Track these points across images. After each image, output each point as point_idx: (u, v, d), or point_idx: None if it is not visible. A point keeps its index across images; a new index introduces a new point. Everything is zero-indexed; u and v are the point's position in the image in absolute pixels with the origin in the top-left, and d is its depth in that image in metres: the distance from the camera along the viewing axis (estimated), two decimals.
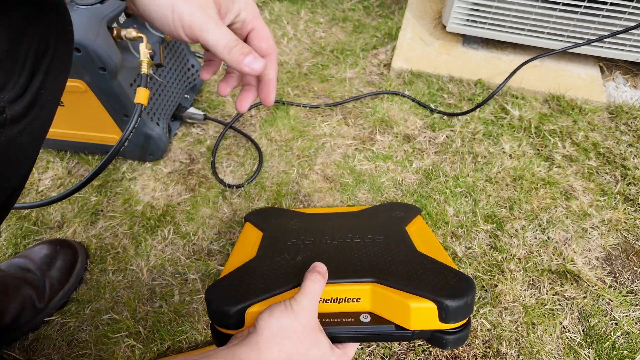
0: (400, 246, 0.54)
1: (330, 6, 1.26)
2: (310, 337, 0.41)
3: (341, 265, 0.50)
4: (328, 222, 0.65)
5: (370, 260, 0.51)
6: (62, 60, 0.42)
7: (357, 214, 0.70)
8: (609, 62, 1.05)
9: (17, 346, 0.65)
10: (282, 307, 0.41)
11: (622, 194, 0.79)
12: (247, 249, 0.59)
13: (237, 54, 0.34)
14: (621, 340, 0.62)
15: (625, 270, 0.70)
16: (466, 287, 0.45)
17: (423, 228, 0.64)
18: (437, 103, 0.96)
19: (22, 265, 0.67)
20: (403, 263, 0.50)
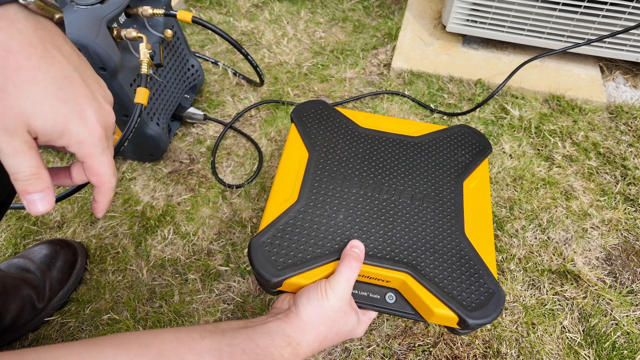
0: (447, 224, 0.54)
1: (330, 6, 1.26)
2: (342, 318, 0.47)
3: (379, 245, 0.52)
4: (381, 154, 0.61)
5: (410, 245, 0.52)
6: None
7: (417, 143, 0.63)
8: (609, 62, 1.05)
9: (17, 346, 0.64)
10: (318, 295, 0.46)
11: (622, 194, 0.79)
12: (291, 178, 0.58)
13: (20, 187, 0.30)
14: (621, 340, 0.62)
15: (626, 270, 0.70)
16: (494, 308, 0.47)
17: (482, 185, 0.59)
18: (437, 103, 0.96)
19: (22, 265, 0.67)
20: (442, 256, 0.51)
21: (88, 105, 0.32)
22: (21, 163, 0.30)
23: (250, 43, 1.14)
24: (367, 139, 0.63)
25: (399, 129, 0.65)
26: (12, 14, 0.28)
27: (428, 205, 0.56)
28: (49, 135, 0.30)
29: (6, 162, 0.29)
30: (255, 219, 0.78)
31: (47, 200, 0.31)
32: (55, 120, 0.30)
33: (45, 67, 0.29)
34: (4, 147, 0.29)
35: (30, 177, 0.30)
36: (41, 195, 0.31)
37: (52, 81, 0.29)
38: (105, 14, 0.64)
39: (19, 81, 0.28)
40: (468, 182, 0.59)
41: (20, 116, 0.28)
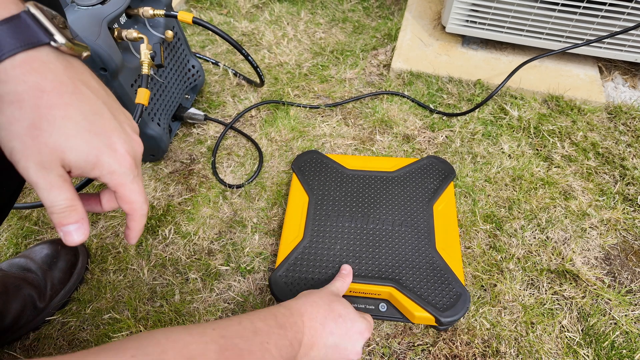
0: (421, 243, 0.67)
1: (330, 7, 1.26)
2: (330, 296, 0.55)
3: (369, 267, 0.65)
4: (366, 191, 0.74)
5: (393, 264, 0.65)
6: None
7: (394, 177, 0.76)
8: (608, 62, 1.05)
9: (18, 346, 0.65)
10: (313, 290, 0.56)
11: (620, 193, 0.79)
12: (296, 220, 0.72)
13: (56, 220, 0.32)
14: (620, 340, 0.62)
15: (624, 270, 0.71)
16: (461, 307, 0.60)
17: (449, 206, 0.72)
18: (436, 103, 0.96)
19: (23, 265, 0.67)
20: (419, 269, 0.64)
21: (117, 137, 0.33)
22: (56, 197, 0.31)
23: (251, 44, 1.15)
24: (353, 179, 0.76)
25: (379, 166, 0.78)
26: (44, 55, 0.30)
27: (406, 229, 0.69)
28: (82, 168, 0.31)
29: (42, 196, 0.31)
30: (255, 219, 0.78)
31: (82, 230, 0.32)
32: (87, 153, 0.31)
33: (76, 103, 0.30)
34: (40, 182, 0.30)
35: (65, 209, 0.31)
36: (76, 226, 0.32)
37: (83, 116, 0.31)
38: (106, 15, 0.64)
39: (53, 118, 0.29)
40: (437, 205, 0.72)
41: (55, 151, 0.30)
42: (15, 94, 0.28)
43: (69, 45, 0.31)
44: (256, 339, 0.42)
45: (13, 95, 0.28)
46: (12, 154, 0.29)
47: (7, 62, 0.28)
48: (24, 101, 0.29)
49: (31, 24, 0.29)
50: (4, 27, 0.28)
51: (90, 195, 0.38)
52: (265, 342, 0.42)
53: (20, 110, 0.29)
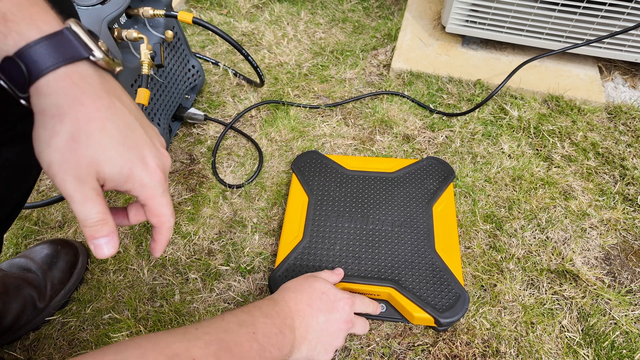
0: (421, 244, 0.67)
1: (330, 7, 1.26)
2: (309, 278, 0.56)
3: (369, 267, 0.65)
4: (365, 191, 0.74)
5: (392, 265, 0.65)
6: None
7: (393, 177, 0.76)
8: (608, 62, 1.05)
9: (18, 346, 0.65)
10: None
11: (620, 193, 0.79)
12: (296, 220, 0.72)
13: (88, 233, 0.32)
14: (620, 340, 0.62)
15: (624, 270, 0.71)
16: (460, 308, 0.60)
17: (448, 207, 0.72)
18: (436, 103, 0.96)
19: (23, 265, 0.67)
20: (418, 270, 0.64)
21: (148, 151, 0.34)
22: (90, 210, 0.31)
23: (251, 44, 1.15)
24: (353, 179, 0.76)
25: (378, 167, 0.78)
26: (83, 69, 0.31)
27: (405, 229, 0.69)
28: (115, 181, 0.32)
29: (76, 209, 0.31)
30: (255, 219, 0.78)
31: (112, 243, 0.33)
32: (122, 166, 0.32)
33: (111, 117, 0.31)
34: (75, 195, 0.31)
35: (97, 223, 0.32)
36: (107, 239, 0.33)
37: (117, 130, 0.32)
38: (106, 15, 0.65)
39: (91, 131, 0.30)
40: (437, 206, 0.72)
41: (92, 164, 0.30)
42: (57, 107, 0.29)
43: (106, 59, 0.32)
44: (241, 330, 0.42)
45: (55, 108, 0.29)
46: (50, 167, 0.30)
47: (50, 76, 0.29)
48: (64, 114, 0.29)
49: (72, 39, 0.30)
50: (47, 42, 0.29)
51: (118, 209, 0.38)
52: (252, 332, 0.42)
53: (61, 124, 0.29)
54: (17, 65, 0.28)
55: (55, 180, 0.30)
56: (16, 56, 0.28)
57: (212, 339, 0.39)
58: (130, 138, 0.33)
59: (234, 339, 0.41)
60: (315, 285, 0.55)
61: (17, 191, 0.43)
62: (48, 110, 0.29)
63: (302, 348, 0.50)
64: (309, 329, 0.50)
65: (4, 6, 0.28)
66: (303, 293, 0.53)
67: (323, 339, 0.52)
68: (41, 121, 0.30)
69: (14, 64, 0.29)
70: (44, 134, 0.30)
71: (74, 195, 0.31)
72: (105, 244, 0.33)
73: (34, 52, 0.29)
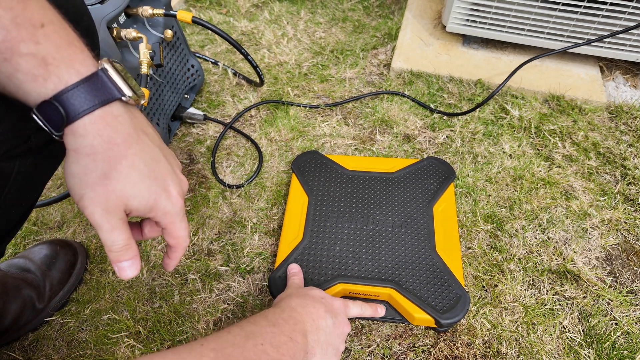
0: (421, 244, 0.67)
1: (330, 6, 1.26)
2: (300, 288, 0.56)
3: (369, 268, 0.64)
4: (365, 192, 0.74)
5: (393, 265, 0.65)
6: None
7: (394, 178, 0.75)
8: (609, 62, 1.05)
9: (17, 346, 0.65)
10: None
11: (622, 193, 0.79)
12: (296, 220, 0.71)
13: (114, 257, 0.35)
14: (621, 340, 0.62)
15: (625, 270, 0.70)
16: (461, 309, 0.60)
17: (449, 207, 0.72)
18: (437, 103, 0.96)
19: (22, 265, 0.67)
20: (419, 271, 0.64)
21: (171, 180, 0.37)
22: (117, 237, 0.34)
23: (250, 43, 1.14)
24: (353, 180, 0.76)
25: (378, 167, 0.77)
26: (116, 109, 0.32)
27: (406, 230, 0.68)
28: (141, 211, 0.35)
29: (104, 237, 0.34)
30: (255, 219, 0.78)
31: (135, 266, 0.36)
32: (148, 199, 0.35)
33: (140, 153, 0.34)
34: (104, 225, 0.33)
35: (122, 248, 0.34)
36: (130, 262, 0.35)
37: (144, 164, 0.34)
38: (105, 14, 0.64)
39: (121, 168, 0.32)
40: (437, 206, 0.72)
41: (121, 198, 0.33)
42: (91, 147, 0.31)
43: (134, 97, 0.34)
44: (249, 343, 0.41)
45: (89, 148, 0.31)
46: (81, 200, 0.32)
47: (86, 119, 0.31)
48: (98, 154, 0.31)
49: (107, 81, 0.32)
50: (84, 85, 0.30)
51: (133, 224, 0.40)
52: (260, 344, 0.42)
53: (95, 162, 0.32)
54: (56, 108, 0.30)
55: (86, 212, 0.33)
56: (55, 100, 0.30)
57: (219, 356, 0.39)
58: (156, 170, 0.35)
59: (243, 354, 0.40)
60: (312, 292, 0.55)
61: (24, 203, 0.44)
62: (82, 150, 0.31)
63: (316, 352, 0.49)
64: (319, 332, 0.49)
65: (44, 49, 0.29)
66: (306, 298, 0.53)
67: (332, 341, 0.51)
68: (74, 158, 0.32)
69: (52, 107, 0.30)
70: (77, 170, 0.32)
71: (103, 225, 0.33)
72: (129, 267, 0.35)
73: (72, 96, 0.30)
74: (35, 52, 0.29)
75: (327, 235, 0.69)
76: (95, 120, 0.31)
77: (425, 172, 0.76)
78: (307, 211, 0.72)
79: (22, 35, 0.28)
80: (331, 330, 0.51)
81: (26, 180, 0.41)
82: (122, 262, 0.35)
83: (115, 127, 0.32)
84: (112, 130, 0.32)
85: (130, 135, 0.33)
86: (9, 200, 0.40)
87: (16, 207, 0.43)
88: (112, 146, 0.32)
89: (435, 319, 0.59)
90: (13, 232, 0.47)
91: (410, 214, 0.70)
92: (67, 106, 0.30)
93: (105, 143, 0.32)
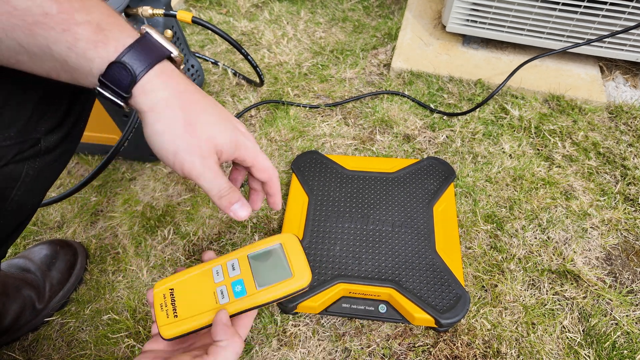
0: (421, 244, 0.67)
1: (330, 6, 1.26)
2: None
3: (369, 268, 0.64)
4: (365, 192, 0.74)
5: (393, 265, 0.64)
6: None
7: (394, 178, 0.76)
8: (609, 62, 1.05)
9: (17, 346, 0.64)
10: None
11: (622, 193, 0.79)
12: (296, 220, 0.71)
13: (226, 202, 0.36)
14: (621, 340, 0.62)
15: (626, 270, 0.70)
16: (461, 308, 0.60)
17: (449, 207, 0.72)
18: (437, 103, 0.96)
19: (22, 265, 0.67)
20: (419, 271, 0.64)
21: (235, 120, 0.38)
22: (220, 182, 0.35)
23: (250, 43, 1.14)
24: (353, 180, 0.76)
25: (378, 167, 0.77)
26: (168, 65, 0.34)
27: (406, 230, 0.68)
28: (228, 151, 0.36)
29: (209, 186, 0.35)
30: (254, 219, 0.78)
31: (246, 205, 0.37)
32: (230, 136, 0.36)
33: (203, 99, 0.35)
34: (206, 173, 0.34)
35: (229, 191, 0.36)
36: (240, 203, 0.37)
37: (212, 108, 0.35)
38: None
39: (197, 113, 0.34)
40: (437, 206, 0.72)
41: (210, 139, 0.34)
42: (165, 100, 0.33)
43: (180, 55, 0.35)
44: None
45: (163, 101, 0.32)
46: (176, 155, 0.33)
47: (151, 73, 0.32)
48: (173, 104, 0.33)
49: (155, 42, 0.33)
50: (139, 45, 0.32)
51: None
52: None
53: (174, 112, 0.33)
54: (124, 67, 0.31)
55: (185, 167, 0.34)
56: (121, 60, 0.31)
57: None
58: (222, 113, 0.36)
59: None
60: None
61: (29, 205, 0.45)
62: (158, 105, 0.32)
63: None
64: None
65: (96, 17, 0.30)
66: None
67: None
68: (154, 116, 0.33)
69: (120, 67, 0.31)
70: (161, 126, 0.33)
71: (205, 173, 0.34)
72: (240, 208, 0.37)
73: (133, 54, 0.31)
74: (90, 20, 0.30)
75: (327, 235, 0.68)
76: (158, 74, 0.32)
77: (425, 172, 0.76)
78: (307, 211, 0.72)
79: (74, 5, 0.29)
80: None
81: (34, 183, 0.41)
82: (234, 204, 0.36)
83: (176, 79, 0.33)
84: (174, 81, 0.33)
85: (188, 85, 0.34)
86: (16, 202, 0.41)
87: (22, 209, 0.43)
88: (181, 94, 0.33)
89: (436, 319, 0.60)
90: (16, 234, 0.47)
91: (411, 214, 0.70)
92: (132, 64, 0.31)
93: (175, 93, 0.33)
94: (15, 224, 0.45)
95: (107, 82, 0.31)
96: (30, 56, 0.30)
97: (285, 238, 0.44)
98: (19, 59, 0.31)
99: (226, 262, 0.43)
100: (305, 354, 0.62)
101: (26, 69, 0.32)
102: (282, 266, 0.42)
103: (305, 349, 0.63)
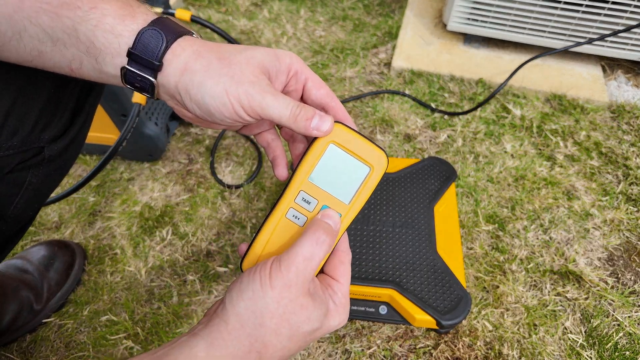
0: (422, 245, 0.66)
1: (330, 5, 1.25)
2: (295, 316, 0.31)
3: (370, 269, 0.64)
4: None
5: (394, 266, 0.64)
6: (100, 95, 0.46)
7: (395, 178, 0.75)
8: (611, 61, 1.04)
9: (15, 348, 0.64)
10: (257, 285, 0.31)
11: (624, 193, 0.78)
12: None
13: (303, 121, 0.32)
14: (623, 341, 0.62)
15: (628, 271, 0.70)
16: (462, 310, 0.60)
17: (450, 207, 0.72)
18: (438, 102, 0.95)
19: (20, 266, 0.66)
20: (420, 271, 0.63)
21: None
22: (287, 100, 0.32)
23: (250, 42, 1.14)
24: None
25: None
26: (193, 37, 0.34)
27: (407, 230, 0.68)
28: (275, 67, 0.33)
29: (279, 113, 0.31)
30: (254, 220, 0.77)
31: (324, 117, 0.33)
32: (268, 52, 0.33)
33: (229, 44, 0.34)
34: (267, 97, 0.31)
35: (299, 106, 0.32)
36: (318, 116, 0.33)
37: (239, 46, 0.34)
38: None
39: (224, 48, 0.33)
40: (438, 206, 0.71)
41: (250, 60, 0.32)
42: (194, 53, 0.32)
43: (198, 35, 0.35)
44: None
45: (193, 54, 0.31)
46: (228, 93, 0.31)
47: (179, 40, 0.32)
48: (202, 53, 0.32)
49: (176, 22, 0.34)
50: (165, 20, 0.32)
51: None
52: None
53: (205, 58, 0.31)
54: (158, 32, 0.31)
55: (242, 100, 0.31)
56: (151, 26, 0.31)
57: None
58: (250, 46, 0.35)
59: None
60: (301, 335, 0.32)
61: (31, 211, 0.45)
62: (189, 61, 0.31)
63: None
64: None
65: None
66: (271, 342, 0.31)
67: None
68: (189, 76, 0.31)
69: (151, 32, 0.30)
70: (200, 77, 0.31)
71: (266, 97, 0.31)
72: (321, 121, 0.33)
73: (162, 26, 0.31)
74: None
75: None
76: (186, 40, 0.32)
77: (426, 172, 0.76)
78: None
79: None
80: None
81: (37, 190, 0.41)
82: (312, 119, 0.32)
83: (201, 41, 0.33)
84: (200, 42, 0.33)
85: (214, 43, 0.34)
86: (19, 209, 0.41)
87: (23, 215, 0.44)
88: (207, 44, 0.32)
89: (437, 320, 0.59)
90: (16, 239, 0.48)
91: (411, 214, 0.70)
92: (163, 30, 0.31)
93: (201, 44, 0.32)
94: (17, 228, 0.46)
95: (137, 52, 0.30)
96: (54, 43, 0.30)
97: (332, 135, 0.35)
98: (41, 50, 0.31)
99: (294, 201, 0.36)
100: (305, 355, 0.62)
101: (47, 61, 0.31)
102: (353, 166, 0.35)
103: (305, 351, 0.62)
